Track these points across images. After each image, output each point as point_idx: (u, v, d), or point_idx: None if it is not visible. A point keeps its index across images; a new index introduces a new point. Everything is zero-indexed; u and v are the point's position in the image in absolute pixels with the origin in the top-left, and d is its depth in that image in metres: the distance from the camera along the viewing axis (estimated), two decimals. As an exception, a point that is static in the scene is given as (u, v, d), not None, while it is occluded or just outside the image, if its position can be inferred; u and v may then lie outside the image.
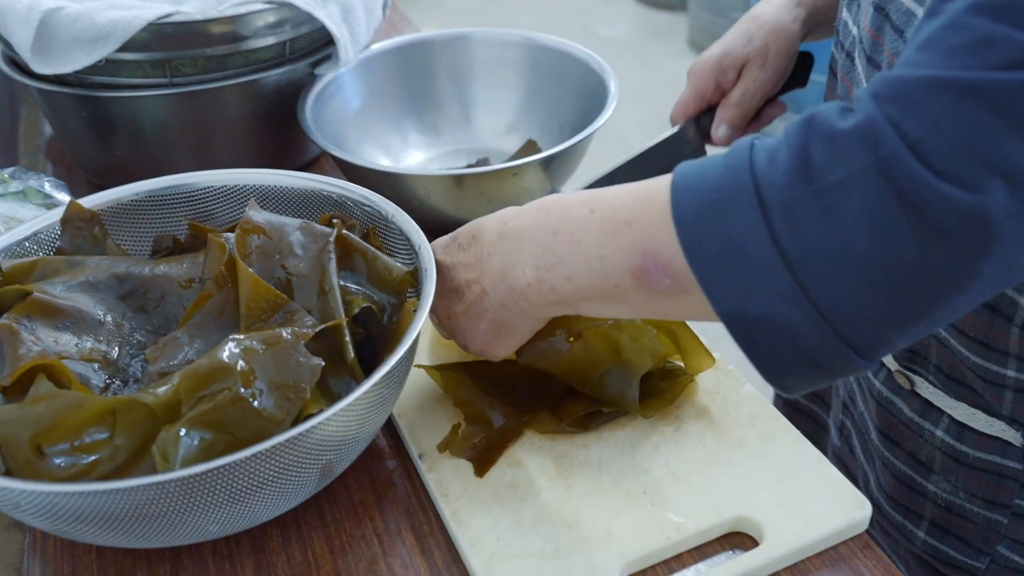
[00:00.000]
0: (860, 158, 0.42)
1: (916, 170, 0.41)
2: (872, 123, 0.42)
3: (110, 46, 0.81)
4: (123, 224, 0.72)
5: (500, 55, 1.01)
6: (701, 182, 0.47)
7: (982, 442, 0.65)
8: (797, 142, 0.45)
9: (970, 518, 0.68)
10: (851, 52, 0.67)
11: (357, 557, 0.59)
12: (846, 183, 0.42)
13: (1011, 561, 0.67)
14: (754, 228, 0.44)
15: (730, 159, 0.47)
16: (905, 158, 0.41)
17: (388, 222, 0.69)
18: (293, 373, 0.56)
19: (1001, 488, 0.66)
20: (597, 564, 0.56)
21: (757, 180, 0.45)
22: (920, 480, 0.70)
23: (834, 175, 0.43)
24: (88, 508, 0.49)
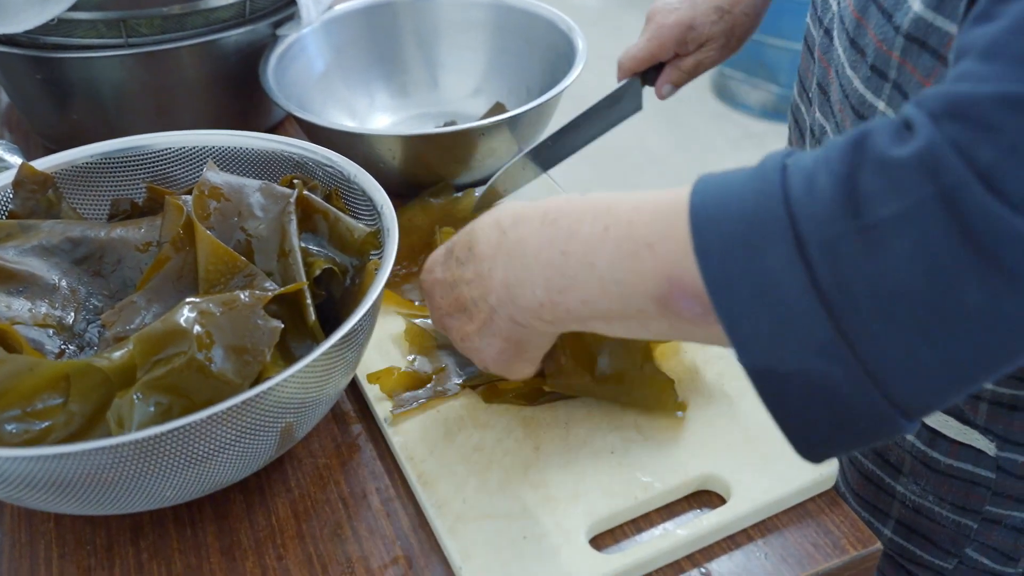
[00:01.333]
0: (919, 189, 0.36)
1: (987, 202, 0.35)
2: (934, 148, 0.36)
3: (63, 4, 0.78)
4: (79, 188, 0.71)
5: (466, 16, 0.99)
6: (726, 209, 0.40)
7: (954, 449, 0.64)
8: (843, 169, 0.38)
9: (938, 521, 0.67)
10: (830, 29, 0.65)
11: (322, 521, 0.58)
12: (901, 218, 0.36)
13: (979, 563, 0.67)
14: (790, 269, 0.38)
15: (759, 183, 0.40)
16: (974, 189, 0.35)
17: (350, 183, 0.68)
18: (251, 336, 0.55)
19: (972, 495, 0.64)
20: (564, 523, 0.55)
21: (793, 212, 0.38)
22: (888, 480, 0.69)
23: (887, 209, 0.36)
24: (42, 473, 0.48)
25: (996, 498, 0.64)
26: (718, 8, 0.78)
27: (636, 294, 0.45)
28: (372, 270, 0.60)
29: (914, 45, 0.54)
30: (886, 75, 0.57)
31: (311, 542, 0.57)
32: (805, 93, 0.72)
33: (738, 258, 0.39)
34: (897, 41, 0.55)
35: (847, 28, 0.60)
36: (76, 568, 0.56)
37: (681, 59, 0.80)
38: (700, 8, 0.79)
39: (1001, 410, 0.61)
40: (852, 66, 0.60)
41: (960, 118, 0.36)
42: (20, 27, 0.80)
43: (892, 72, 0.56)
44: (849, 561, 0.55)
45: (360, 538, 0.57)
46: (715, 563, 0.55)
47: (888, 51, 0.56)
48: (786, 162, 0.40)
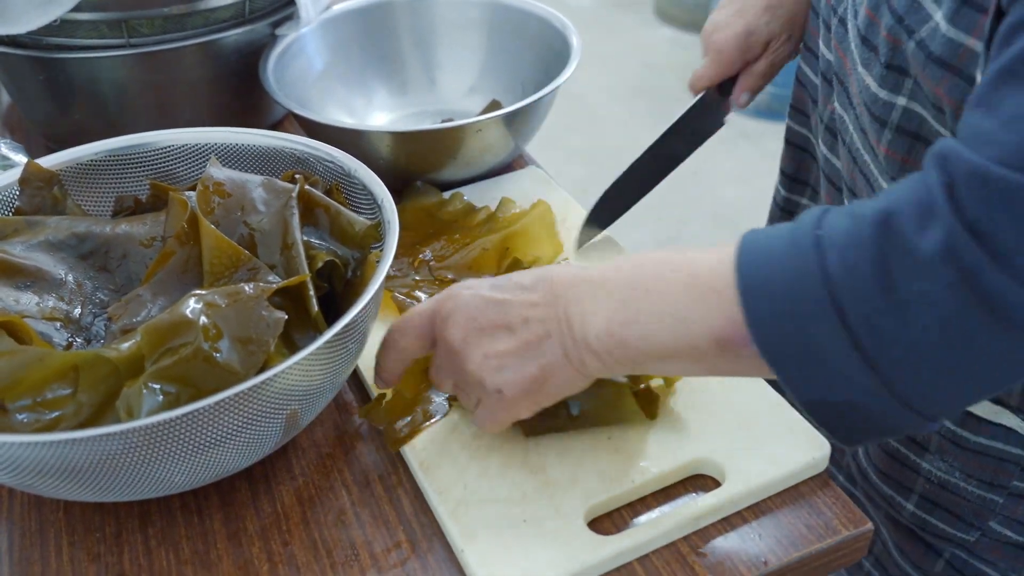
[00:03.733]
0: (942, 276, 0.42)
1: (1002, 281, 0.41)
2: (953, 240, 0.42)
3: (65, 6, 0.80)
4: (83, 185, 0.72)
5: (462, 15, 1.01)
6: (771, 284, 0.46)
7: (985, 429, 0.65)
8: (874, 252, 0.44)
9: (963, 495, 0.68)
10: (844, 19, 0.65)
11: (326, 508, 0.60)
12: (928, 297, 0.43)
13: (1003, 535, 0.68)
14: (834, 337, 0.45)
15: (800, 258, 0.46)
16: (990, 272, 0.41)
17: (351, 177, 0.69)
18: (256, 327, 0.56)
19: (1000, 471, 0.65)
20: (562, 508, 0.57)
21: (833, 290, 0.44)
22: (914, 458, 0.70)
23: (916, 287, 0.43)
24: (53, 460, 0.49)
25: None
26: (768, 7, 0.77)
27: (698, 334, 0.49)
28: (373, 262, 0.61)
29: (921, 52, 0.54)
30: (906, 71, 0.57)
31: (316, 528, 0.58)
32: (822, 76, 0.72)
33: (787, 327, 0.46)
34: (909, 44, 0.55)
35: (859, 26, 0.61)
36: (85, 555, 0.58)
37: (751, 65, 0.80)
38: (750, 14, 0.78)
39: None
40: (864, 63, 0.60)
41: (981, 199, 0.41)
42: (23, 28, 0.82)
43: (911, 68, 0.56)
44: (841, 541, 0.57)
45: (363, 524, 0.58)
46: (710, 545, 0.56)
47: (904, 49, 0.56)
48: (818, 234, 0.46)
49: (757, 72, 0.80)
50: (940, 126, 0.56)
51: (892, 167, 0.61)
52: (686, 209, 2.39)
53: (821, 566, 0.57)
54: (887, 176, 0.62)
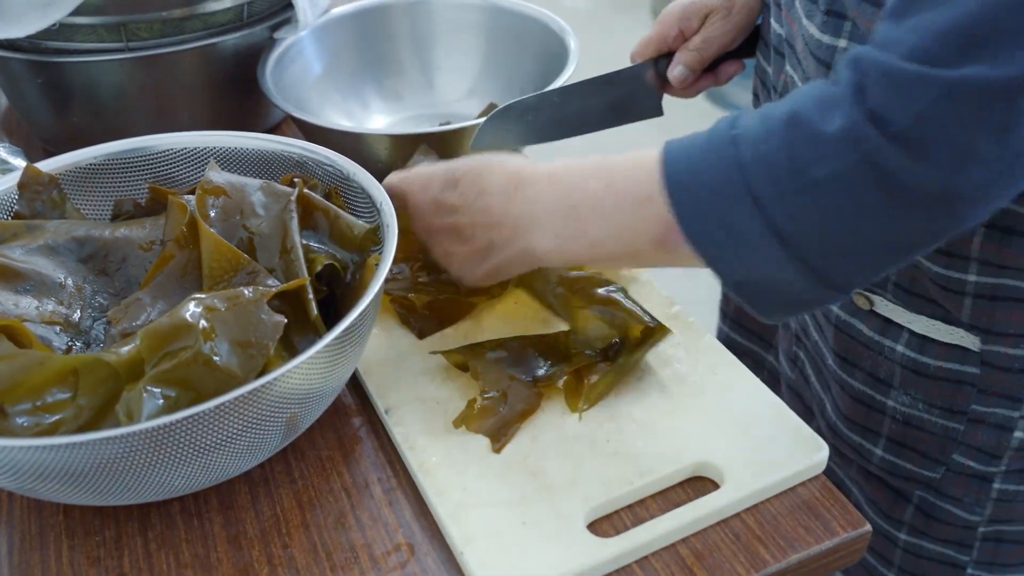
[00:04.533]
0: (844, 157, 0.48)
1: (898, 160, 0.47)
2: (854, 126, 0.48)
3: (63, 9, 0.80)
4: (82, 189, 0.72)
5: (460, 18, 1.01)
6: (695, 178, 0.53)
7: (941, 351, 0.67)
8: (781, 140, 0.50)
9: (928, 429, 0.71)
10: None
11: (326, 511, 0.60)
12: (832, 178, 0.48)
13: (965, 467, 0.70)
14: (751, 219, 0.51)
15: (717, 155, 0.52)
16: (887, 152, 0.47)
17: (349, 181, 0.69)
18: (255, 330, 0.57)
19: (959, 395, 0.68)
20: (562, 510, 0.57)
21: (747, 177, 0.51)
22: (879, 398, 0.73)
23: (820, 171, 0.49)
24: (54, 464, 0.50)
25: (981, 396, 0.67)
26: None
27: (638, 238, 0.57)
28: (372, 265, 0.62)
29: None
30: (844, 15, 0.61)
31: (315, 531, 0.58)
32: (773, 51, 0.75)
33: (711, 216, 0.52)
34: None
35: None
36: (85, 559, 0.58)
37: (688, 40, 0.81)
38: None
39: (983, 303, 0.64)
40: (807, 15, 0.65)
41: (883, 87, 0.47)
42: (21, 32, 0.82)
43: (850, 11, 0.60)
44: (840, 543, 0.57)
45: (363, 526, 0.59)
46: (709, 547, 0.56)
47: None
48: (734, 134, 0.52)
49: (692, 46, 0.81)
50: None
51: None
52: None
53: (820, 567, 0.57)
54: None
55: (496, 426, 0.62)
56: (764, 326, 0.92)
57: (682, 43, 0.82)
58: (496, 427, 0.62)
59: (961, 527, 0.72)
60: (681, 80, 0.81)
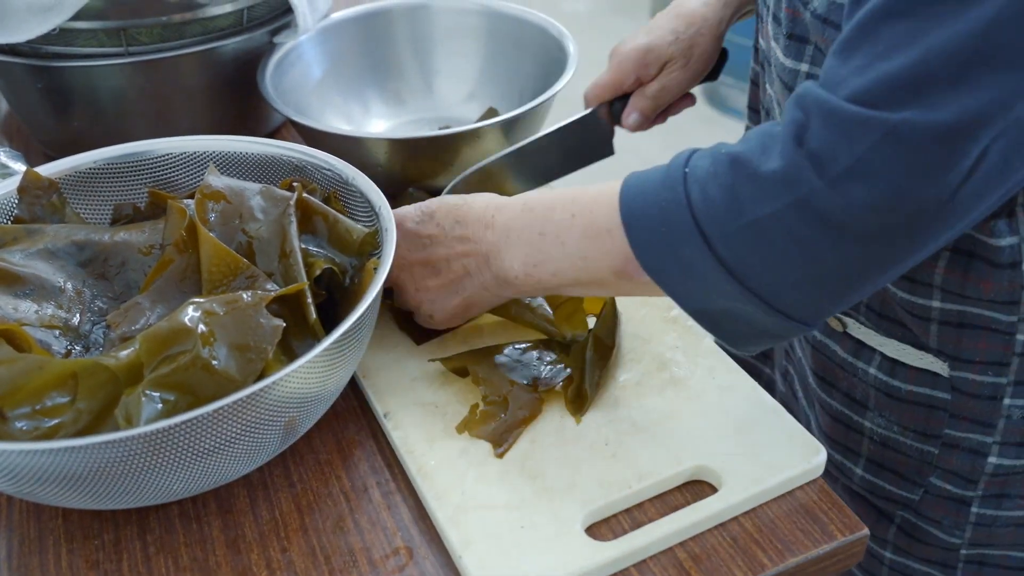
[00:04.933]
0: (782, 197, 0.50)
1: (834, 201, 0.49)
2: (792, 168, 0.49)
3: (64, 14, 0.80)
4: (82, 193, 0.72)
5: (460, 23, 1.01)
6: (649, 216, 0.55)
7: (912, 375, 0.68)
8: (725, 180, 0.52)
9: (904, 451, 0.71)
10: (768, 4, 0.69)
11: (324, 515, 0.60)
12: (773, 216, 0.50)
13: (943, 490, 0.70)
14: (702, 255, 0.52)
15: (670, 193, 0.54)
16: (823, 195, 0.49)
17: (348, 185, 0.69)
18: (254, 334, 0.57)
19: (931, 419, 0.68)
20: (560, 514, 0.57)
21: (696, 216, 0.52)
22: (856, 418, 0.73)
23: (761, 210, 0.50)
24: (53, 467, 0.50)
25: (953, 420, 0.67)
26: (673, 30, 0.81)
27: (599, 268, 0.58)
28: (371, 269, 0.62)
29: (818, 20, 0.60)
30: (806, 39, 0.62)
31: (314, 535, 0.58)
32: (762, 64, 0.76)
33: (664, 250, 0.54)
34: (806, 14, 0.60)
35: (769, 4, 0.66)
36: (84, 562, 0.58)
37: (644, 86, 0.82)
38: (656, 33, 0.81)
39: (950, 329, 0.64)
40: (775, 38, 0.65)
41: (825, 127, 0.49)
42: (22, 36, 0.82)
43: (811, 35, 0.61)
44: (838, 546, 0.57)
45: (362, 530, 0.59)
46: (707, 550, 0.57)
47: (803, 19, 0.61)
48: (685, 171, 0.54)
49: (648, 93, 0.82)
50: None
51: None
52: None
53: (817, 571, 0.57)
54: None
55: (499, 431, 0.62)
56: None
57: (638, 87, 0.83)
58: (499, 432, 0.62)
59: (943, 548, 0.72)
60: (636, 127, 0.83)
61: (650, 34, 0.81)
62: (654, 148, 2.86)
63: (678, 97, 0.83)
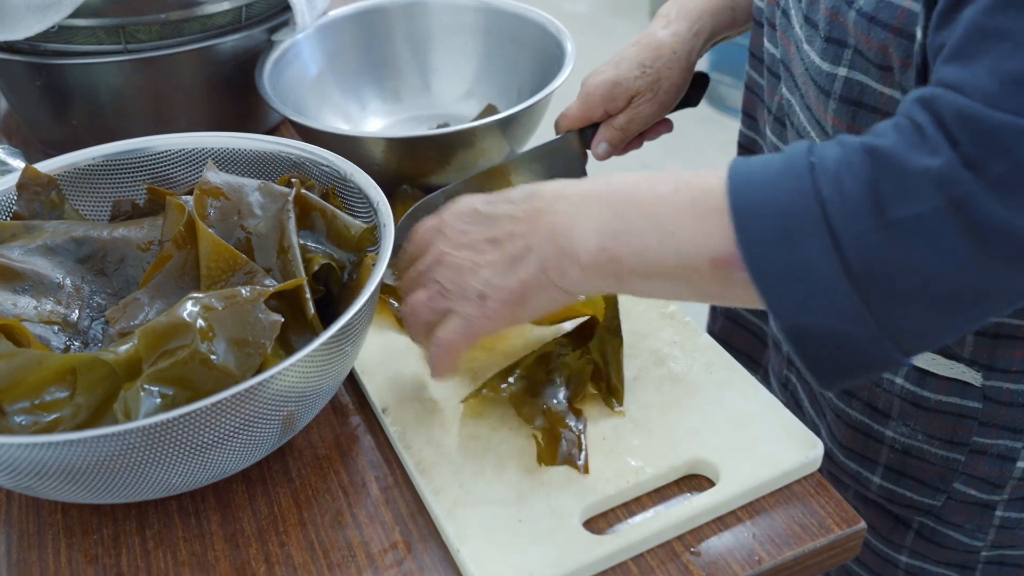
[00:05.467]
0: (933, 199, 0.45)
1: (992, 207, 0.44)
2: (950, 169, 0.44)
3: (62, 12, 0.80)
4: (81, 190, 0.72)
5: (457, 20, 1.01)
6: (765, 204, 0.48)
7: (942, 385, 0.67)
8: (865, 173, 0.46)
9: (927, 459, 0.70)
10: (787, 10, 0.67)
11: (323, 509, 0.60)
12: (919, 219, 0.45)
13: (967, 496, 0.69)
14: (824, 256, 0.46)
15: (792, 182, 0.48)
16: (981, 198, 0.44)
17: (347, 181, 0.69)
18: (252, 329, 0.57)
19: (959, 427, 0.67)
20: (558, 508, 0.57)
21: (826, 209, 0.46)
22: (877, 428, 0.71)
23: (906, 211, 0.45)
24: (52, 461, 0.50)
25: (983, 428, 0.66)
26: (640, 64, 0.80)
27: (696, 252, 0.50)
28: (369, 265, 0.62)
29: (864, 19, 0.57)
30: (844, 42, 0.59)
31: (312, 529, 0.59)
32: (767, 71, 0.75)
33: (778, 249, 0.47)
34: (850, 14, 0.58)
35: (802, 6, 0.64)
36: (83, 557, 0.58)
37: (613, 118, 0.81)
38: (623, 67, 0.80)
39: (985, 340, 0.63)
40: (808, 41, 0.63)
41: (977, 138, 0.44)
42: (20, 34, 0.82)
43: (850, 39, 0.59)
44: (834, 540, 0.57)
45: (360, 524, 0.59)
46: (705, 544, 0.57)
47: (843, 20, 0.59)
48: (811, 160, 0.48)
49: (617, 125, 0.81)
50: (884, 86, 0.59)
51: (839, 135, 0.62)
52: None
53: (814, 564, 0.57)
54: None
55: (568, 451, 0.60)
56: (752, 344, 0.91)
57: (606, 119, 0.82)
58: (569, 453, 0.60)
59: (964, 552, 0.71)
60: (604, 156, 0.82)
61: (618, 67, 0.80)
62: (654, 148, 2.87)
63: (648, 127, 0.83)
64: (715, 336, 0.96)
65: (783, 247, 0.47)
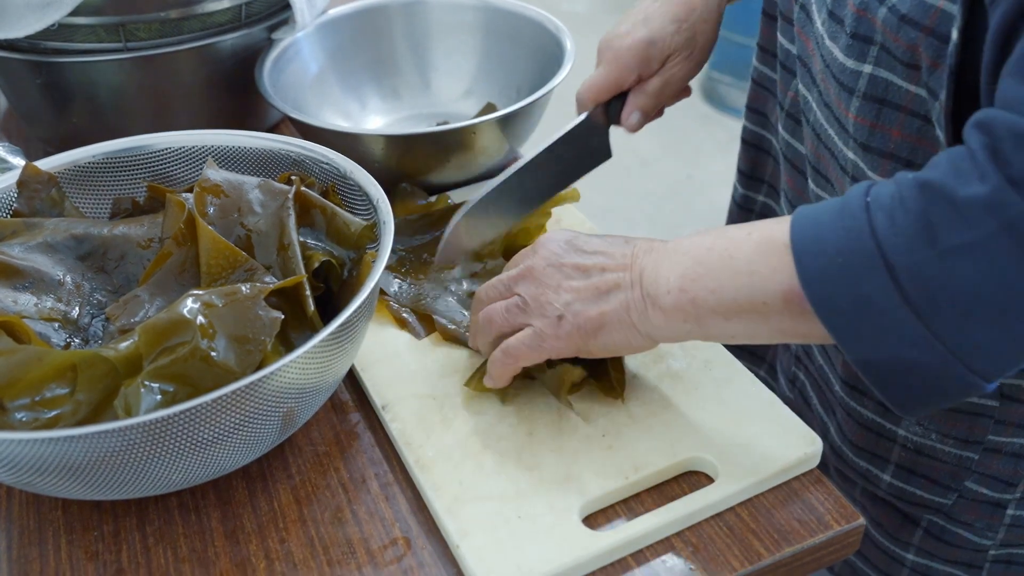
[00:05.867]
0: (985, 224, 0.46)
1: None
2: (994, 192, 0.45)
3: (62, 10, 0.80)
4: (81, 187, 0.72)
5: (457, 19, 1.01)
6: (823, 243, 0.50)
7: None
8: (916, 207, 0.48)
9: (940, 458, 0.69)
10: (806, 5, 0.66)
11: (323, 506, 0.60)
12: (973, 245, 0.46)
13: (979, 494, 0.69)
14: (884, 290, 0.48)
15: (849, 220, 0.50)
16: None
17: (346, 179, 0.70)
18: (252, 326, 0.57)
19: (975, 427, 0.67)
20: (557, 505, 0.57)
21: (881, 245, 0.48)
22: (889, 426, 0.71)
23: (960, 238, 0.46)
24: (52, 457, 0.50)
25: (998, 426, 0.66)
26: (674, 19, 0.74)
27: (767, 288, 0.53)
28: (369, 262, 0.62)
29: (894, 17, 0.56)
30: (871, 39, 0.58)
31: (312, 526, 0.59)
32: (780, 66, 0.73)
33: (838, 283, 0.49)
34: (880, 11, 0.57)
35: (827, 2, 0.62)
36: (84, 553, 0.58)
37: (645, 83, 0.76)
38: (655, 24, 0.75)
39: None
40: (831, 36, 0.62)
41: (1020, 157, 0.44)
42: (20, 32, 0.82)
43: (877, 36, 0.58)
44: (833, 536, 0.57)
45: (360, 521, 0.59)
46: (704, 540, 0.57)
47: (871, 18, 0.57)
48: (867, 200, 0.50)
49: (650, 91, 0.76)
50: (911, 84, 0.58)
51: (861, 133, 0.62)
52: (682, 215, 2.39)
53: (813, 560, 0.57)
54: (855, 144, 0.62)
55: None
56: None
57: (637, 84, 0.76)
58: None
59: (972, 550, 0.71)
60: (637, 126, 0.77)
61: (648, 25, 0.74)
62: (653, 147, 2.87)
63: (678, 89, 0.78)
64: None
65: (843, 284, 0.49)
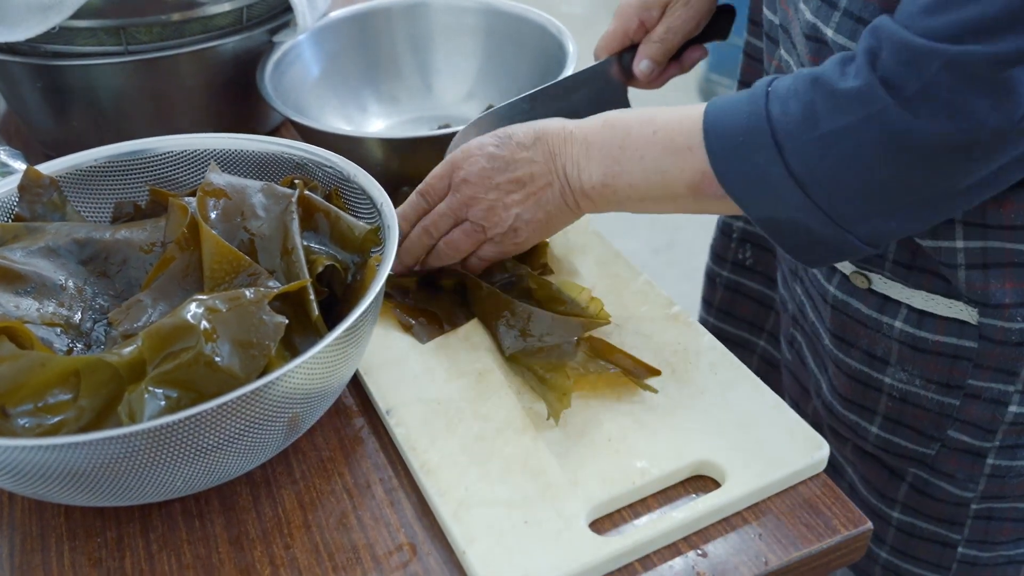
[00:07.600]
0: (856, 112, 0.55)
1: (905, 120, 0.54)
2: (867, 87, 0.54)
3: (63, 13, 0.80)
4: (83, 191, 0.72)
5: (458, 21, 1.01)
6: (729, 126, 0.60)
7: (940, 325, 0.68)
8: (805, 96, 0.57)
9: (924, 405, 0.72)
10: None
11: (327, 512, 0.60)
12: (845, 129, 0.55)
13: (960, 442, 0.71)
14: (774, 163, 0.58)
15: (751, 105, 0.59)
16: (894, 112, 0.54)
17: (350, 182, 0.69)
18: (257, 331, 0.57)
19: (955, 369, 0.69)
20: (563, 510, 0.57)
21: (773, 126, 0.58)
22: (876, 375, 0.73)
23: (835, 123, 0.56)
24: (56, 464, 0.50)
25: (977, 370, 0.68)
26: None
27: (675, 183, 0.63)
28: (373, 266, 0.62)
29: None
30: (836, 4, 0.63)
31: (317, 532, 0.58)
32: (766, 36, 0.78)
33: (739, 158, 0.60)
34: None
35: None
36: (87, 560, 0.57)
37: (650, 32, 0.83)
38: None
39: (976, 272, 0.65)
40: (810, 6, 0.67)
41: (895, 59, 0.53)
42: (21, 35, 0.82)
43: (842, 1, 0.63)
44: (841, 541, 0.57)
45: (365, 527, 0.59)
46: (711, 545, 0.57)
47: None
48: (768, 90, 0.59)
49: (655, 38, 0.83)
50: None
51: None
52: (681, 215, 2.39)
53: (821, 566, 0.57)
54: None
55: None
56: (753, 311, 0.94)
57: (644, 35, 0.83)
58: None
59: (953, 504, 0.73)
60: (647, 74, 0.84)
61: None
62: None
63: (685, 39, 0.83)
64: (715, 309, 0.98)
65: (744, 160, 0.59)
